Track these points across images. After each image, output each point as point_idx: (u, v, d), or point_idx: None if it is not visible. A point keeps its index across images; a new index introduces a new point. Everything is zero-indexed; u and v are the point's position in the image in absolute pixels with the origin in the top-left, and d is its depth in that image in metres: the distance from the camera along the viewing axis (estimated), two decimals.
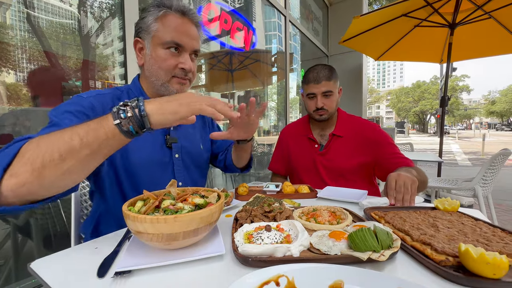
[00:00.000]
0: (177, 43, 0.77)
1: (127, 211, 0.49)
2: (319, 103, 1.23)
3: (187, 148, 0.93)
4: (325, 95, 1.24)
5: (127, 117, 0.48)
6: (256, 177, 3.56)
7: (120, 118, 0.48)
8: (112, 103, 0.78)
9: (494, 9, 2.71)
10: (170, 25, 0.76)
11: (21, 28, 1.30)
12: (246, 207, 0.72)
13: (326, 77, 1.22)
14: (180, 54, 0.79)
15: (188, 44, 0.78)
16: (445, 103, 3.15)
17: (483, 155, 10.75)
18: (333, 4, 4.69)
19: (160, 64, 0.77)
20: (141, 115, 0.48)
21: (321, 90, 1.23)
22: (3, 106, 1.28)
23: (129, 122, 0.48)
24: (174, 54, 0.78)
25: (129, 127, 0.48)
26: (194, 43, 0.80)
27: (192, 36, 0.79)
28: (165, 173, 0.86)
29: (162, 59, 0.77)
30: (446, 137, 29.81)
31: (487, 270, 0.40)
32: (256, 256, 0.48)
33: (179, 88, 0.81)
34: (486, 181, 2.42)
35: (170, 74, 0.79)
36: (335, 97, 1.26)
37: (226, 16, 2.56)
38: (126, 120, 0.48)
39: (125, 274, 0.45)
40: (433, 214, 0.70)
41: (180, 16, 0.78)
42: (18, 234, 1.37)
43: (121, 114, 0.48)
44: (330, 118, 1.31)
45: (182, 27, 0.77)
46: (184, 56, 0.79)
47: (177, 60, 0.78)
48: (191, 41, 0.79)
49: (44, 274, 0.47)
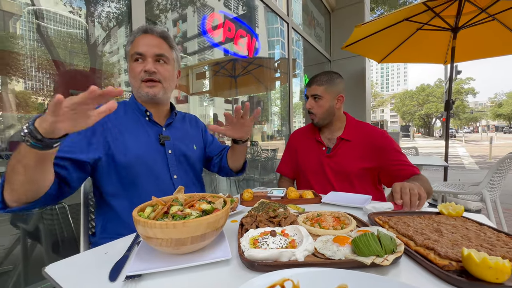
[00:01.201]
0: (138, 53, 0.90)
1: (137, 216, 0.51)
2: (308, 105, 1.32)
3: (179, 145, 1.01)
4: (313, 98, 1.31)
5: (25, 134, 0.53)
6: (260, 182, 3.57)
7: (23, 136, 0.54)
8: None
9: (498, 11, 2.70)
10: (135, 42, 0.91)
11: (31, 37, 1.36)
12: (251, 212, 0.74)
13: (317, 82, 1.30)
14: (144, 61, 0.91)
15: (148, 51, 0.90)
16: (449, 107, 3.14)
17: (490, 158, 10.57)
18: (335, 10, 4.74)
19: (131, 74, 0.92)
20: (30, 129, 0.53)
21: (310, 93, 1.31)
22: (12, 113, 1.33)
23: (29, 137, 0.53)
24: (139, 62, 0.91)
25: (30, 141, 0.53)
26: (154, 49, 0.91)
27: (151, 44, 0.91)
28: (160, 167, 0.94)
29: (131, 69, 0.91)
30: (452, 140, 29.41)
31: (489, 274, 0.41)
32: (261, 260, 0.49)
33: (149, 91, 0.91)
34: (494, 185, 2.38)
35: (139, 79, 0.91)
36: (324, 103, 1.30)
37: (230, 24, 2.61)
38: (26, 137, 0.53)
39: (135, 278, 0.47)
40: (437, 219, 0.71)
41: (144, 34, 0.93)
42: (28, 239, 1.39)
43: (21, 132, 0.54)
44: (335, 121, 1.35)
45: (143, 40, 0.91)
46: (147, 61, 0.90)
47: (141, 66, 0.90)
48: (151, 48, 0.91)
49: (58, 278, 0.49)
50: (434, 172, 6.61)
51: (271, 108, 4.15)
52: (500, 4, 2.59)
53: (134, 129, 0.92)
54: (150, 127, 0.96)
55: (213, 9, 2.57)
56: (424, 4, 2.72)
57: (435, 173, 6.55)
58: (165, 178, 0.94)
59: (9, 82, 1.29)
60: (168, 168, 0.95)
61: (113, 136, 0.86)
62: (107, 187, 0.87)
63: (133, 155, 0.87)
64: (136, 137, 0.91)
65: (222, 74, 3.26)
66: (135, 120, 0.94)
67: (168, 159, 0.96)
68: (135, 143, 0.89)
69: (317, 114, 1.30)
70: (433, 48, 3.62)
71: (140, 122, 0.95)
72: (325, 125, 1.36)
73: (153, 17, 1.99)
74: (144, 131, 0.94)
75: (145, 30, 0.93)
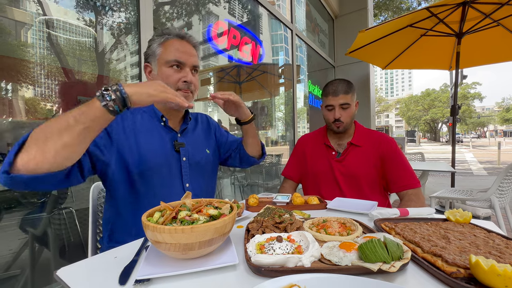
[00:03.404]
0: (178, 61, 0.88)
1: (146, 221, 0.52)
2: (337, 114, 1.30)
3: (193, 152, 1.00)
4: (342, 107, 1.30)
5: (112, 99, 0.57)
6: (265, 188, 3.56)
7: (106, 101, 0.57)
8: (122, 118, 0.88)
9: (502, 17, 2.70)
10: (172, 47, 0.89)
11: (41, 46, 1.40)
12: (257, 218, 0.74)
13: (344, 91, 1.29)
14: (181, 70, 0.90)
15: (188, 60, 0.90)
16: (455, 112, 3.11)
17: (499, 164, 10.37)
18: (339, 16, 4.78)
19: (165, 80, 0.87)
20: (123, 97, 0.59)
21: (338, 102, 1.29)
22: (22, 120, 1.36)
23: (114, 103, 0.58)
24: (176, 70, 0.89)
25: (114, 107, 0.58)
26: (193, 60, 0.91)
27: (191, 54, 0.91)
28: (174, 175, 0.93)
29: (167, 76, 0.88)
30: (459, 146, 28.99)
31: (498, 282, 0.41)
32: (268, 266, 0.50)
33: None
34: (503, 191, 2.34)
35: (174, 88, 0.88)
36: (351, 110, 1.32)
37: (235, 32, 2.66)
38: (111, 102, 0.58)
39: (145, 282, 0.48)
40: (444, 226, 0.70)
41: (179, 39, 0.91)
42: (35, 244, 1.41)
43: (106, 97, 0.58)
44: (347, 130, 1.36)
45: (182, 48, 0.90)
46: (186, 70, 0.90)
47: (180, 75, 0.89)
48: (190, 58, 0.91)
49: (69, 281, 0.50)
50: (441, 178, 6.51)
51: (275, 113, 4.17)
52: (504, 9, 2.59)
53: (149, 136, 0.91)
54: (166, 133, 0.95)
55: (218, 17, 2.62)
56: (428, 10, 2.74)
57: (442, 179, 6.45)
58: (178, 186, 0.93)
59: (19, 89, 1.33)
60: (181, 175, 0.94)
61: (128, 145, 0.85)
62: (118, 193, 0.86)
63: (148, 164, 0.86)
64: (152, 145, 0.89)
65: (226, 80, 3.30)
66: (151, 125, 0.93)
67: (182, 166, 0.95)
68: (151, 153, 0.88)
69: (345, 121, 1.31)
70: (438, 54, 3.62)
71: (155, 128, 0.94)
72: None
73: (159, 25, 2.04)
74: (159, 137, 0.93)
75: (181, 36, 0.91)
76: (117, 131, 0.85)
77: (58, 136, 0.56)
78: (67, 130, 0.56)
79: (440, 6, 2.70)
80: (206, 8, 2.57)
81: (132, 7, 1.63)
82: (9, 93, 1.32)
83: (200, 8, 2.51)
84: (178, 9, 2.26)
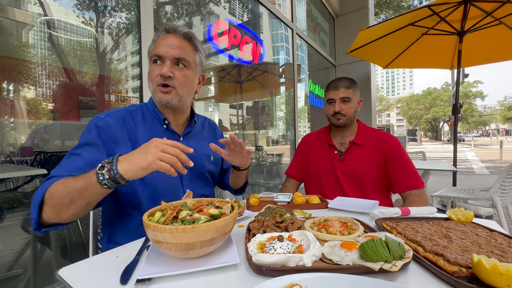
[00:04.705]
0: (157, 55, 0.84)
1: (147, 221, 0.52)
2: (337, 108, 1.32)
3: (196, 157, 0.96)
4: (343, 100, 1.32)
5: (105, 178, 0.61)
6: (266, 187, 3.56)
7: (99, 180, 0.61)
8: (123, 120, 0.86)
9: (504, 15, 2.68)
10: (157, 42, 0.86)
11: (42, 46, 1.41)
12: (258, 217, 0.74)
13: (345, 86, 1.32)
14: (162, 64, 0.85)
15: (168, 53, 0.84)
16: (457, 111, 3.10)
17: (501, 162, 10.33)
18: (339, 16, 4.77)
19: (149, 76, 0.87)
20: (115, 176, 0.61)
21: (339, 96, 1.32)
22: (23, 120, 1.37)
23: (108, 181, 0.61)
24: (157, 65, 0.85)
25: (108, 184, 0.62)
26: (173, 52, 0.84)
27: (171, 45, 0.84)
28: (174, 180, 0.91)
29: (150, 72, 0.86)
30: (461, 144, 28.88)
31: (500, 281, 0.41)
32: (269, 265, 0.50)
33: (162, 97, 0.85)
34: (505, 190, 2.33)
35: (155, 84, 0.85)
36: (353, 104, 1.33)
37: (235, 31, 2.65)
38: (105, 180, 0.61)
39: (146, 281, 0.48)
40: (446, 225, 0.70)
41: (165, 33, 0.87)
42: (38, 244, 1.42)
43: (100, 176, 0.61)
44: (349, 125, 1.37)
45: (164, 41, 0.85)
46: (165, 64, 0.84)
47: (159, 69, 0.84)
48: (170, 50, 0.84)
49: (71, 280, 0.50)
50: (443, 177, 6.49)
51: (276, 113, 4.17)
52: (505, 7, 2.57)
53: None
54: (167, 136, 0.92)
55: (219, 17, 2.62)
56: (429, 8, 2.72)
57: (444, 178, 6.43)
58: (178, 191, 0.92)
59: (21, 89, 1.33)
60: (181, 181, 0.93)
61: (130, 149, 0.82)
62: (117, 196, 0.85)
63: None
64: None
65: (227, 80, 3.30)
66: (152, 128, 0.90)
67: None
68: None
69: (347, 114, 1.32)
70: (439, 53, 3.60)
71: (157, 131, 0.91)
72: (341, 128, 1.38)
73: (160, 25, 2.04)
74: None
75: (167, 29, 0.87)
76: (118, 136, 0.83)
77: (68, 207, 0.65)
78: (72, 204, 0.64)
79: (442, 5, 2.69)
80: (206, 8, 2.57)
81: (133, 7, 1.63)
82: (10, 93, 1.32)
83: (200, 8, 2.51)
84: (178, 8, 2.27)
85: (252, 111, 3.84)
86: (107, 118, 0.82)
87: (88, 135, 0.79)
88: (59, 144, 1.52)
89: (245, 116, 3.70)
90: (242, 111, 3.68)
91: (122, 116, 0.86)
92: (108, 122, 0.81)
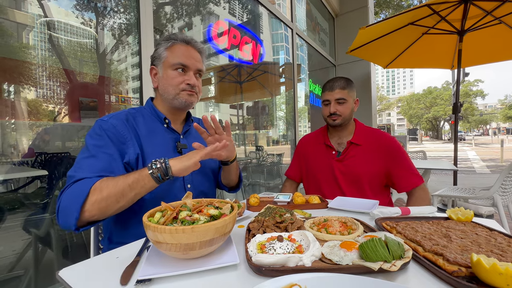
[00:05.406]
0: (183, 64, 0.92)
1: (147, 222, 0.52)
2: (332, 109, 1.32)
3: None
4: (338, 102, 1.32)
5: (157, 167, 0.71)
6: (266, 187, 3.56)
7: (152, 169, 0.71)
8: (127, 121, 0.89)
9: (504, 14, 2.68)
10: (177, 51, 0.93)
11: (42, 47, 1.41)
12: (258, 217, 0.74)
13: (340, 86, 1.32)
14: (186, 73, 0.94)
15: (193, 64, 0.94)
16: (457, 110, 3.09)
17: (502, 161, 10.30)
18: (339, 15, 4.77)
19: (170, 82, 0.93)
20: (166, 166, 0.72)
21: (334, 97, 1.32)
22: (24, 121, 1.37)
23: (158, 171, 0.71)
24: (181, 73, 0.93)
25: (157, 174, 0.71)
26: (197, 64, 0.95)
27: (195, 58, 0.95)
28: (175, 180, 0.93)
29: (171, 78, 0.92)
30: (462, 143, 28.84)
31: (500, 280, 0.41)
32: (269, 265, 0.50)
33: (187, 98, 0.94)
34: (506, 189, 2.32)
35: (179, 89, 0.93)
36: (349, 105, 1.33)
37: (235, 31, 2.66)
38: (156, 170, 0.71)
39: (146, 282, 0.48)
40: (446, 225, 0.70)
41: (185, 44, 0.95)
42: (39, 244, 1.42)
43: (153, 165, 0.71)
44: (346, 125, 1.37)
45: (187, 52, 0.94)
46: (189, 74, 0.94)
47: (184, 78, 0.93)
48: (195, 62, 0.95)
49: (71, 281, 0.50)
50: (444, 176, 6.48)
51: (276, 113, 4.17)
52: (506, 6, 2.57)
53: (152, 138, 0.91)
54: (168, 134, 0.97)
55: (218, 17, 2.63)
56: (429, 7, 2.72)
57: (445, 177, 6.42)
58: (179, 187, 0.93)
59: (21, 91, 1.34)
60: (183, 179, 0.95)
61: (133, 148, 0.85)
62: None
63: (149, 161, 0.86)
64: (155, 147, 0.90)
65: (227, 80, 3.30)
66: (154, 127, 0.94)
67: None
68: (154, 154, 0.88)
69: (343, 114, 1.32)
70: (440, 53, 3.60)
71: (159, 130, 0.95)
72: (338, 128, 1.38)
73: (160, 26, 2.04)
74: (162, 139, 0.94)
75: (187, 41, 0.95)
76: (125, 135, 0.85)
77: (117, 202, 0.70)
78: (123, 197, 0.70)
79: (442, 4, 2.69)
80: (206, 8, 2.57)
81: (132, 8, 1.63)
82: (11, 94, 1.32)
83: (200, 8, 2.51)
84: (178, 9, 2.27)
85: (252, 111, 3.84)
86: (111, 119, 0.86)
87: (98, 137, 0.81)
88: (59, 145, 1.52)
89: (245, 116, 3.70)
90: (242, 111, 3.68)
91: (125, 117, 0.89)
92: (113, 123, 0.84)
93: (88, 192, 0.67)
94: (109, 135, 0.82)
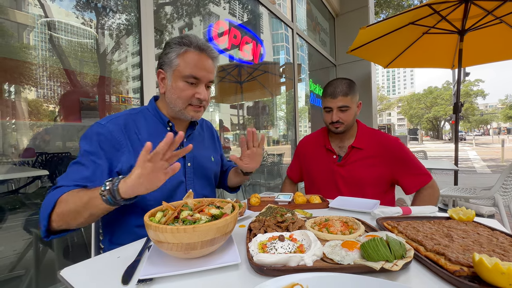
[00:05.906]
0: (194, 77, 0.86)
1: (148, 221, 0.52)
2: (335, 117, 1.25)
3: (198, 158, 1.00)
4: (341, 109, 1.25)
5: (106, 190, 0.64)
6: (267, 187, 3.56)
7: (101, 191, 0.64)
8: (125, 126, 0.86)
9: (504, 14, 2.68)
10: (190, 61, 0.86)
11: (43, 48, 1.41)
12: (259, 217, 0.74)
13: (343, 93, 1.24)
14: (196, 85, 0.89)
15: (205, 77, 0.88)
16: (458, 110, 3.09)
17: (503, 161, 10.29)
18: (340, 15, 4.76)
19: (179, 94, 0.88)
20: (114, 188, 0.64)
21: (337, 105, 1.25)
22: (25, 121, 1.37)
23: (107, 193, 0.64)
24: (191, 86, 0.88)
25: (107, 197, 0.64)
26: (209, 76, 0.90)
27: (208, 69, 0.89)
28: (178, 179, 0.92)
29: (181, 90, 0.87)
30: (462, 143, 28.81)
31: (502, 280, 0.40)
32: (270, 265, 0.50)
33: (194, 115, 0.91)
34: (507, 189, 2.32)
35: (187, 102, 0.89)
36: (351, 111, 1.26)
37: (235, 31, 2.66)
38: (105, 192, 0.64)
39: (147, 281, 0.48)
40: (447, 224, 0.70)
41: (199, 52, 0.87)
42: (40, 244, 1.42)
43: (102, 187, 0.65)
44: (348, 130, 1.31)
45: (200, 63, 0.87)
46: (200, 87, 0.89)
47: (194, 91, 0.88)
48: (207, 74, 0.89)
49: (72, 281, 0.50)
50: (444, 176, 6.47)
51: (277, 113, 4.17)
52: (506, 6, 2.56)
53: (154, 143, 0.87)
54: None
55: (219, 17, 2.63)
56: (430, 7, 2.72)
57: (445, 177, 6.40)
58: (181, 191, 0.92)
59: (22, 91, 1.34)
60: (185, 179, 0.94)
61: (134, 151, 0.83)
62: None
63: None
64: None
65: (227, 80, 3.30)
66: (157, 130, 0.91)
67: (187, 172, 0.95)
68: None
69: (346, 122, 1.26)
70: (440, 53, 3.59)
71: (160, 133, 0.90)
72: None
73: (160, 26, 2.04)
74: None
75: (201, 48, 0.87)
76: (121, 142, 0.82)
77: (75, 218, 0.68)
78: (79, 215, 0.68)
79: (442, 3, 2.68)
80: (206, 8, 2.57)
81: (133, 8, 1.63)
82: (12, 95, 1.33)
83: (200, 8, 2.51)
84: (178, 9, 2.27)
85: (253, 111, 3.84)
86: (109, 124, 0.82)
87: (89, 143, 0.79)
88: (60, 145, 1.52)
89: (246, 116, 3.70)
90: (243, 111, 3.68)
91: (124, 122, 0.86)
92: (110, 128, 0.81)
93: (55, 203, 0.68)
94: (102, 141, 0.79)
